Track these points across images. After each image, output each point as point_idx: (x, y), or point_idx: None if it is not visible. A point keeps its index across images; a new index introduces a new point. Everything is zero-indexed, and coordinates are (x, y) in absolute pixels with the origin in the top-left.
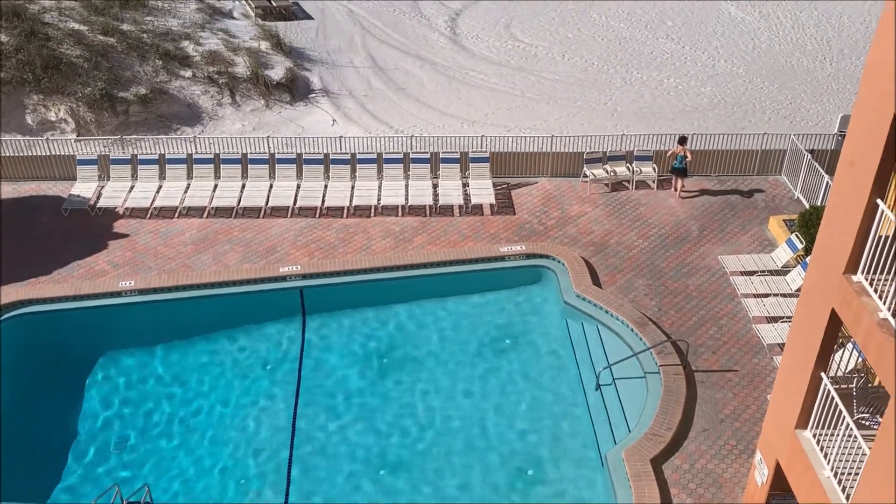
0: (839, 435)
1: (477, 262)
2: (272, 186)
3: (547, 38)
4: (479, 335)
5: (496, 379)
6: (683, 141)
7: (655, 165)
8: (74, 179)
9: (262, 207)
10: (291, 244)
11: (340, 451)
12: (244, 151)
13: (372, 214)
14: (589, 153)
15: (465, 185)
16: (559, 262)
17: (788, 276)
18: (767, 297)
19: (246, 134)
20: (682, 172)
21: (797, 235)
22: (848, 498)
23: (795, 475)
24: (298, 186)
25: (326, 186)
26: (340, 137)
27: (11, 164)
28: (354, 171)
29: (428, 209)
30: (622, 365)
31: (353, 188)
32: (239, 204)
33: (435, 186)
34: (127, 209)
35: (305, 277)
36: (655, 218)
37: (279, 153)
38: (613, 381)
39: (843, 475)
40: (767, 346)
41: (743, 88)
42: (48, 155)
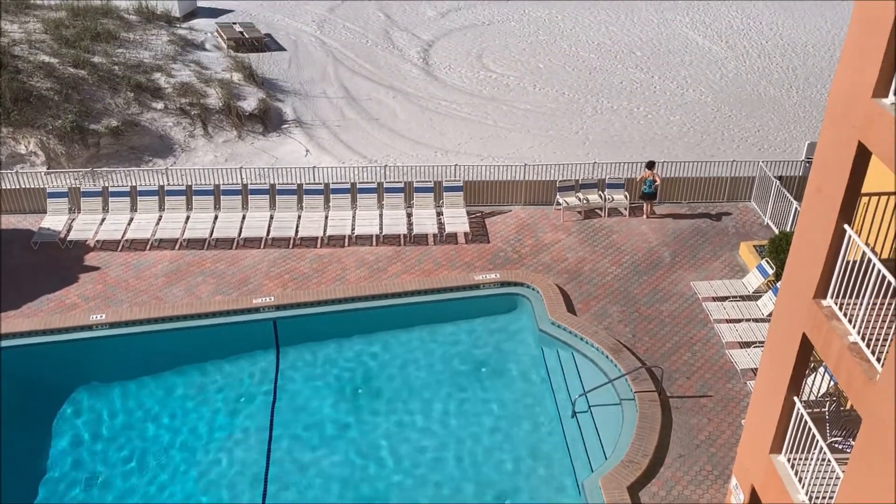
0: (813, 459)
1: (452, 290)
2: (245, 217)
3: (518, 68)
4: (454, 364)
5: (472, 407)
6: (651, 165)
7: (627, 193)
8: (45, 212)
9: (234, 238)
10: (265, 275)
11: (315, 482)
12: (216, 183)
13: (346, 244)
14: (562, 181)
15: (439, 213)
16: (534, 289)
17: (760, 301)
18: (740, 322)
19: (218, 165)
20: (651, 196)
21: (767, 261)
22: None
23: (771, 499)
24: (271, 217)
25: (300, 217)
26: (314, 168)
27: None
28: (328, 201)
29: (402, 238)
30: (598, 392)
31: (326, 218)
32: (211, 235)
33: (409, 216)
34: (98, 241)
35: (279, 308)
36: (628, 245)
37: (252, 184)
38: (589, 408)
39: (817, 499)
40: (741, 371)
41: (711, 117)
42: (18, 188)
